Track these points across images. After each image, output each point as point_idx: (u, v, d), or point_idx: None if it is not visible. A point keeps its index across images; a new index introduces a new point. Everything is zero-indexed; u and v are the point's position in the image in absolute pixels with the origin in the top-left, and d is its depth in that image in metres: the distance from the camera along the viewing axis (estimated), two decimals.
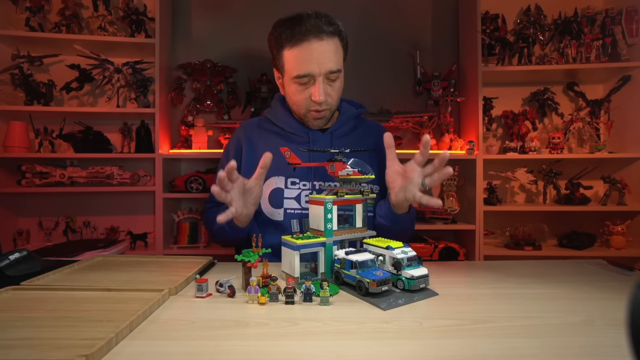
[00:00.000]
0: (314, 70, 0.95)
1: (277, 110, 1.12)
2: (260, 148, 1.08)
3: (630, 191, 1.79)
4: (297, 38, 0.95)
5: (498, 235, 1.95)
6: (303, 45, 0.95)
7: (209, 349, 0.46)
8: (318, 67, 0.95)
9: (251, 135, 1.11)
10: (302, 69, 0.96)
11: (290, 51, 0.97)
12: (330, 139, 1.07)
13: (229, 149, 1.14)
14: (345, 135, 1.10)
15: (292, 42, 0.96)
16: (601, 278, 0.77)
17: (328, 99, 1.00)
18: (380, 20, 2.05)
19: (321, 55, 0.95)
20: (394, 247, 0.69)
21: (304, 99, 1.00)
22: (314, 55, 0.95)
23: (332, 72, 0.97)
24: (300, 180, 1.03)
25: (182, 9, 2.02)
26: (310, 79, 0.97)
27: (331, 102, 1.02)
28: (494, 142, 2.06)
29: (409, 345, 0.47)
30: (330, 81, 0.99)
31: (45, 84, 1.80)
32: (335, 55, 0.98)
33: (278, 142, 1.06)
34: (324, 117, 1.04)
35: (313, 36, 0.94)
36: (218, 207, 1.11)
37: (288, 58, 0.99)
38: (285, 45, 0.98)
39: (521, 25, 1.94)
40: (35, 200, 1.90)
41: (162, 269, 0.82)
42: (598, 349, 0.47)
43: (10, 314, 0.55)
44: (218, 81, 1.94)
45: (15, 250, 0.80)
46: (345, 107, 1.13)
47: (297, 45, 0.96)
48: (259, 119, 1.17)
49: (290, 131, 1.08)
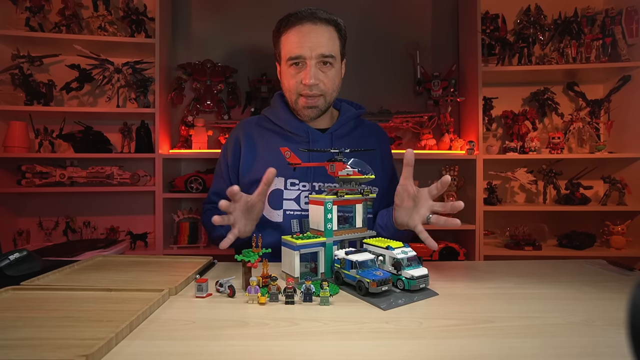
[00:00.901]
0: (305, 52, 0.96)
1: (276, 108, 1.11)
2: (259, 147, 1.08)
3: (630, 191, 1.79)
4: (291, 22, 0.98)
5: (498, 235, 1.95)
6: (297, 27, 0.98)
7: (209, 349, 0.46)
8: (310, 50, 0.96)
9: (250, 133, 1.11)
10: (294, 50, 0.97)
11: (286, 35, 1.00)
12: (330, 139, 1.07)
13: (227, 147, 1.13)
14: (345, 135, 1.09)
15: (287, 26, 0.99)
16: (601, 278, 0.77)
17: (320, 85, 0.99)
18: (380, 20, 2.05)
19: (314, 39, 0.96)
20: (394, 247, 0.69)
21: (296, 83, 1.00)
22: (306, 37, 0.96)
23: (325, 57, 0.97)
24: (300, 181, 1.03)
25: (182, 9, 2.02)
26: (303, 62, 0.98)
27: (323, 89, 1.00)
28: (494, 142, 2.06)
29: (409, 345, 0.47)
30: (323, 65, 0.99)
31: (45, 84, 1.80)
32: (329, 41, 0.98)
33: (277, 141, 1.06)
34: (315, 107, 1.02)
35: (307, 20, 0.97)
36: (217, 207, 1.11)
37: (284, 43, 1.01)
38: (282, 32, 1.01)
39: (521, 25, 1.94)
40: (35, 200, 1.90)
41: (162, 269, 0.82)
42: (598, 349, 0.47)
43: (10, 314, 0.55)
44: (218, 81, 1.94)
45: (15, 250, 0.80)
46: (345, 108, 1.13)
47: (291, 29, 0.98)
48: (258, 118, 1.16)
49: (290, 130, 1.07)
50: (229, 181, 1.09)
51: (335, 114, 1.15)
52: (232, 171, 1.10)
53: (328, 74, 1.00)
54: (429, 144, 1.90)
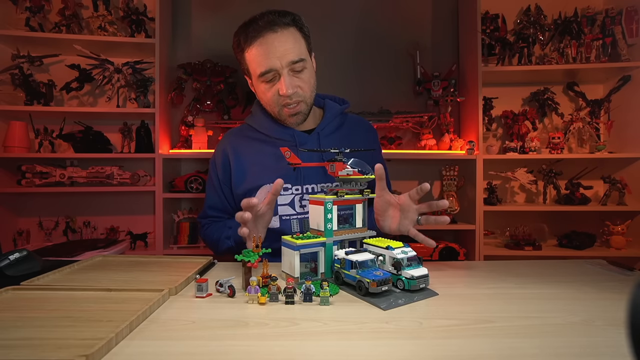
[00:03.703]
0: (274, 64, 0.93)
1: (257, 116, 1.10)
2: (247, 155, 1.07)
3: (630, 191, 1.79)
4: (251, 36, 0.94)
5: (498, 235, 1.95)
6: (258, 41, 0.94)
7: (209, 349, 0.46)
8: (279, 60, 0.93)
9: (236, 145, 1.09)
10: (263, 65, 0.94)
11: (249, 51, 0.96)
12: (317, 138, 1.05)
13: (215, 162, 1.11)
14: (331, 133, 1.08)
15: (248, 41, 0.95)
16: (601, 278, 0.77)
17: (298, 91, 0.97)
18: (380, 20, 2.05)
19: (279, 48, 0.92)
20: (394, 247, 0.69)
21: (273, 96, 0.98)
22: (271, 49, 0.92)
23: (295, 62, 0.94)
24: (292, 186, 1.02)
25: (182, 9, 2.02)
26: (275, 74, 0.95)
27: (303, 94, 0.99)
28: (494, 142, 2.06)
29: (409, 345, 0.47)
30: (296, 72, 0.96)
31: (45, 84, 1.80)
32: (295, 45, 0.95)
33: (264, 149, 1.05)
34: (299, 112, 1.01)
35: (267, 30, 0.92)
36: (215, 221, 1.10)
37: (249, 59, 0.97)
38: (244, 48, 0.97)
39: (521, 25, 1.94)
40: (35, 200, 1.90)
41: (162, 269, 0.82)
42: (598, 349, 0.47)
43: (10, 314, 0.55)
44: (218, 81, 1.94)
45: (15, 250, 0.80)
46: (329, 105, 1.11)
47: (253, 44, 0.94)
48: (240, 128, 1.14)
49: (275, 136, 1.05)
50: (223, 194, 1.09)
51: (318, 112, 1.13)
52: (224, 184, 1.09)
53: (303, 78, 0.98)
54: (429, 144, 1.90)
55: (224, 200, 1.10)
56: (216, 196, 1.10)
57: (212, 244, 1.07)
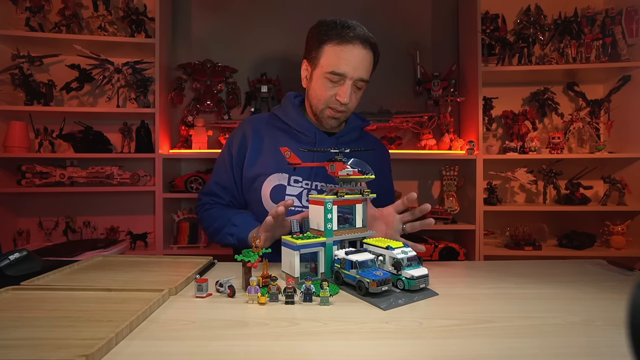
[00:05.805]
0: (349, 72, 0.99)
1: (287, 108, 1.14)
2: (266, 143, 1.11)
3: (630, 191, 1.79)
4: (346, 38, 0.99)
5: (498, 235, 1.95)
6: (349, 46, 0.99)
7: (209, 349, 0.46)
8: (353, 71, 0.99)
9: (258, 130, 1.13)
10: (339, 67, 0.99)
11: (334, 48, 1.00)
12: (335, 143, 1.10)
13: (233, 140, 1.14)
14: (349, 142, 1.13)
15: (338, 39, 0.99)
16: (601, 278, 0.77)
17: (349, 104, 1.04)
18: (380, 20, 2.05)
19: (360, 62, 1.00)
20: (394, 247, 0.69)
21: (329, 96, 1.03)
22: (354, 59, 0.99)
23: (362, 80, 1.02)
24: (303, 179, 1.06)
25: (182, 9, 2.02)
26: (342, 79, 1.00)
27: (350, 107, 1.06)
28: (494, 142, 2.06)
29: (409, 345, 0.47)
30: (357, 88, 1.04)
31: (45, 84, 1.80)
32: (369, 68, 1.04)
33: (285, 140, 1.10)
34: (339, 119, 1.08)
35: (359, 41, 0.99)
36: (218, 202, 1.13)
37: (328, 53, 1.01)
38: (329, 41, 1.01)
39: (521, 25, 1.94)
40: (35, 200, 1.90)
41: (162, 269, 0.82)
42: (598, 349, 0.47)
43: (10, 314, 0.55)
44: (218, 81, 1.94)
45: (15, 250, 0.80)
46: (352, 118, 1.17)
47: (342, 44, 0.99)
48: (268, 115, 1.18)
49: (299, 130, 1.09)
50: (232, 174, 1.12)
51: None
52: (236, 165, 1.12)
53: (357, 95, 1.06)
54: (429, 144, 1.90)
55: (231, 179, 1.12)
56: (225, 174, 1.13)
57: (210, 230, 1.08)
